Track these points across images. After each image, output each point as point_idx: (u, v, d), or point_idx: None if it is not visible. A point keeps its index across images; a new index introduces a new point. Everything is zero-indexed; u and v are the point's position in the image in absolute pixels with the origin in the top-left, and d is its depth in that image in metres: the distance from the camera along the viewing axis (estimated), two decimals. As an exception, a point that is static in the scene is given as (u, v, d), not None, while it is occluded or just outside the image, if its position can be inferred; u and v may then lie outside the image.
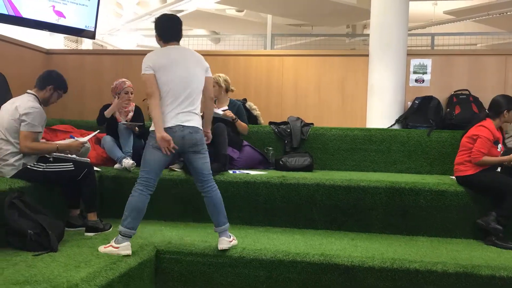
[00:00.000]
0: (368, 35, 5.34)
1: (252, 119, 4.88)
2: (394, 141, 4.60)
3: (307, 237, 3.51)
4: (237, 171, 4.08)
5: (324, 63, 5.33)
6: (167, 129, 2.95)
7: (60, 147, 3.36)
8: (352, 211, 3.75)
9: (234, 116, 4.36)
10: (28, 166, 3.23)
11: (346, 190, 3.75)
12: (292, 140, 4.68)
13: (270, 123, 4.91)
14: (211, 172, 3.14)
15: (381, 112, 4.95)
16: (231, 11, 9.67)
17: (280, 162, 4.39)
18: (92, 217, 3.39)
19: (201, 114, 3.21)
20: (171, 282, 3.16)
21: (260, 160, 4.52)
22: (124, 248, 2.90)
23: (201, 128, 3.11)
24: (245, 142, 4.52)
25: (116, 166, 4.10)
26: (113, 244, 2.92)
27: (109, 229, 3.45)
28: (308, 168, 4.33)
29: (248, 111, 4.87)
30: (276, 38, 7.68)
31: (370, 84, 5.05)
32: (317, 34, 9.56)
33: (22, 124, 3.17)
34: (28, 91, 3.37)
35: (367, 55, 5.10)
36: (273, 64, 5.41)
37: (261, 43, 7.70)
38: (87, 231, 3.36)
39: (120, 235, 2.92)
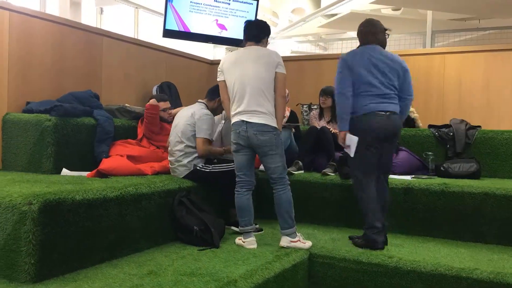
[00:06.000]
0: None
1: (409, 122, 4.62)
2: None
3: (473, 251, 3.18)
4: (396, 176, 3.89)
5: (495, 59, 4.79)
6: (233, 125, 3.11)
7: (226, 149, 3.70)
8: (530, 226, 3.29)
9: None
10: (198, 167, 3.54)
11: (522, 202, 3.31)
12: (455, 145, 4.32)
13: (430, 126, 4.60)
14: (279, 175, 3.13)
15: None
16: (387, 10, 9.33)
17: (442, 168, 4.07)
18: None
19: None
20: (324, 287, 3.15)
21: (418, 166, 4.25)
22: (249, 243, 3.16)
23: (270, 129, 3.06)
24: (401, 147, 4.31)
25: (262, 167, 4.26)
26: (242, 238, 3.20)
27: (255, 232, 3.53)
28: (474, 175, 3.95)
29: (405, 114, 4.63)
30: (437, 35, 7.16)
31: (553, 81, 4.39)
32: (485, 28, 8.66)
33: (198, 130, 3.50)
34: (199, 100, 3.72)
35: (550, 47, 4.45)
36: (433, 63, 5.06)
37: (419, 41, 7.27)
38: (232, 224, 3.55)
39: (244, 232, 3.20)
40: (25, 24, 3.73)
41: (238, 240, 3.22)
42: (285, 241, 3.17)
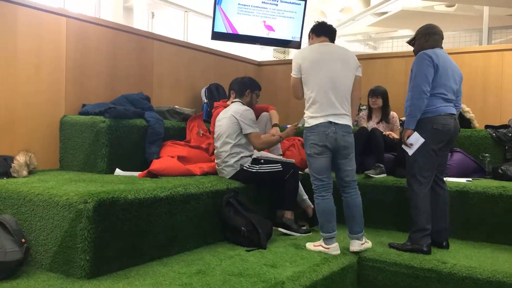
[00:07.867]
0: None
1: (464, 122, 4.44)
2: None
3: (534, 259, 3.01)
4: (451, 179, 3.75)
5: (558, 55, 4.52)
6: (318, 126, 2.98)
7: (282, 136, 3.74)
8: None
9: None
10: (244, 167, 3.55)
11: None
12: (514, 146, 4.11)
13: (487, 126, 4.40)
14: (353, 178, 3.10)
15: None
16: (440, 7, 9.02)
17: (499, 171, 3.88)
18: (289, 215, 3.55)
19: None
20: (373, 291, 3.08)
21: (474, 168, 4.08)
22: (334, 249, 3.05)
23: (352, 131, 3.06)
24: (456, 148, 4.14)
25: (307, 170, 4.22)
26: (323, 244, 3.08)
27: (303, 233, 3.52)
28: (535, 179, 3.74)
29: (460, 114, 4.45)
30: (494, 31, 6.85)
31: None
32: (546, 23, 8.20)
33: (244, 127, 3.53)
34: (235, 100, 3.79)
35: None
36: (490, 61, 4.83)
37: (475, 38, 7.00)
38: (280, 226, 3.52)
39: (327, 238, 3.06)
40: (81, 30, 3.89)
41: (316, 246, 3.09)
42: (357, 246, 3.10)
